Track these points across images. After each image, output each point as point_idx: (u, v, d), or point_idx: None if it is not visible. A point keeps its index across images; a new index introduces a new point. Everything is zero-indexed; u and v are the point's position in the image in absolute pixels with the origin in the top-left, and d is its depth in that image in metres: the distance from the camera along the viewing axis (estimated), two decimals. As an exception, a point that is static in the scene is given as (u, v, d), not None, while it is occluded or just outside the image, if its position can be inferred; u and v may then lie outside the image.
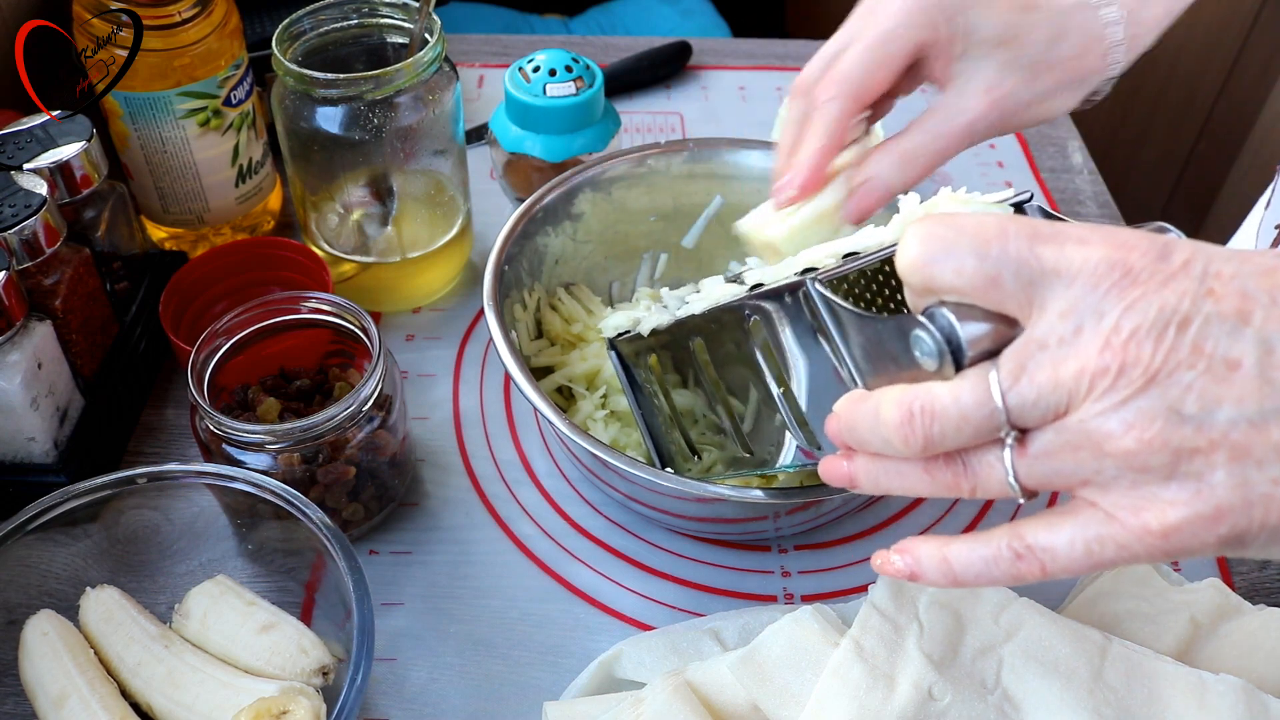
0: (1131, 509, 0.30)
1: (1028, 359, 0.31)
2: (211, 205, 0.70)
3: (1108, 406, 0.30)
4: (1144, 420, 0.29)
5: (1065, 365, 0.30)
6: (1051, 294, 0.31)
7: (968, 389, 0.32)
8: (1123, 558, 0.31)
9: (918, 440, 0.33)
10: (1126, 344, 0.29)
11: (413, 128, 0.62)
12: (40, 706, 0.46)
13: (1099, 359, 0.29)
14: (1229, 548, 0.30)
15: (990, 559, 0.33)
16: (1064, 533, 0.32)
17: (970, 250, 0.31)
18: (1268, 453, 0.29)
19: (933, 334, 0.32)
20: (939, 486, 0.34)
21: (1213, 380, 0.29)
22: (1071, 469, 0.31)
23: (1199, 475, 0.29)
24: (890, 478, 0.35)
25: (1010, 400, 0.31)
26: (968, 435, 0.32)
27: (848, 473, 0.37)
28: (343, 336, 0.56)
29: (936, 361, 0.33)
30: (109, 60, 0.59)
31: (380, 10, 0.64)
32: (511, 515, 0.59)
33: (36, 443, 0.55)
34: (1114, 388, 0.29)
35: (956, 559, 0.34)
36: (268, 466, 0.51)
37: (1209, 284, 0.30)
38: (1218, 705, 0.45)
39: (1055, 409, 0.31)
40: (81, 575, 0.50)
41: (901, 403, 0.33)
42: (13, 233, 0.53)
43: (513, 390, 0.66)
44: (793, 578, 0.57)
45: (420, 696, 0.51)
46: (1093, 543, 0.31)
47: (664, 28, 1.32)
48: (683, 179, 0.65)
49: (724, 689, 0.46)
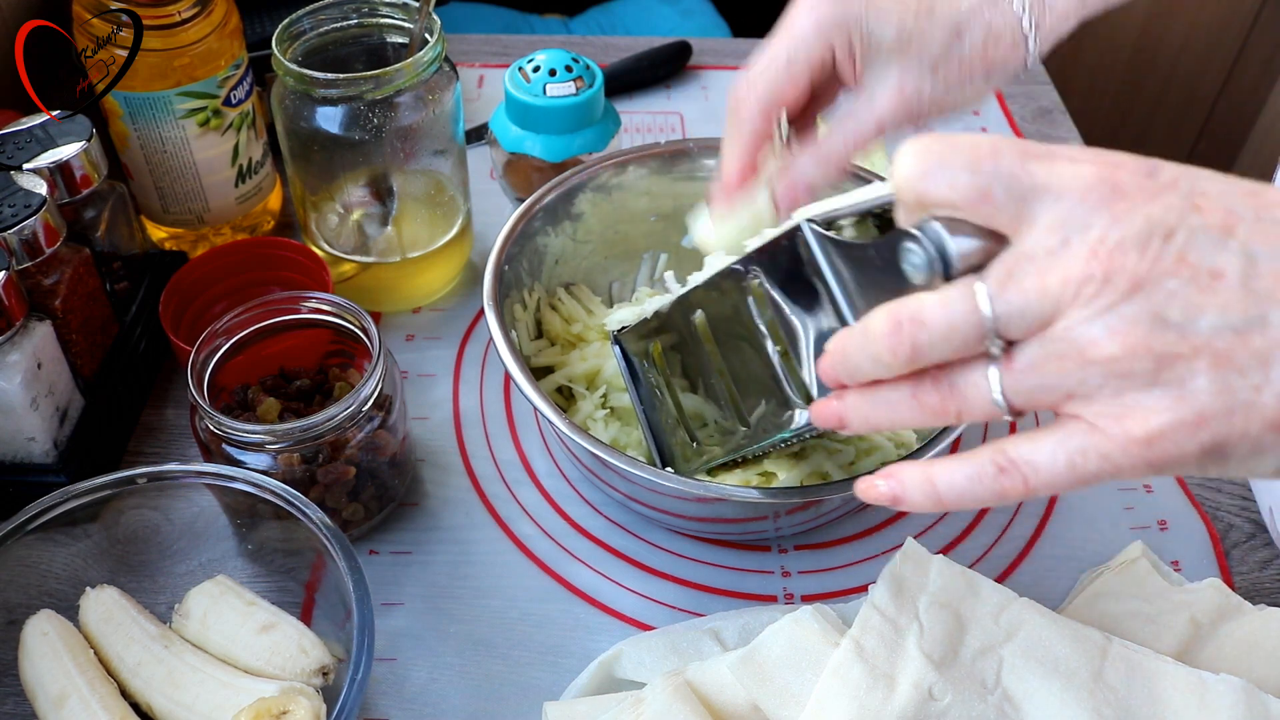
0: (1115, 417, 0.31)
1: (1015, 268, 0.31)
2: (211, 205, 0.70)
3: (1093, 313, 0.30)
4: (1128, 326, 0.30)
5: (1051, 274, 0.31)
6: (1041, 209, 0.31)
7: (956, 297, 0.32)
8: (1106, 470, 0.32)
9: (905, 349, 0.33)
10: (1112, 253, 0.30)
11: (413, 128, 0.62)
12: (40, 706, 0.46)
13: (1085, 267, 0.30)
14: (1211, 459, 0.31)
15: (974, 476, 0.34)
16: (1047, 446, 0.32)
17: (964, 165, 0.32)
18: (1249, 360, 0.29)
19: (923, 244, 0.33)
20: (926, 413, 0.34)
21: (1196, 289, 0.30)
22: (1056, 381, 0.31)
23: (1181, 381, 0.30)
24: (879, 410, 0.36)
25: (997, 307, 0.31)
26: (955, 344, 0.32)
27: (837, 411, 0.37)
28: (343, 336, 0.56)
29: (926, 273, 0.33)
30: (109, 60, 0.59)
31: (380, 10, 0.64)
32: (511, 515, 0.59)
33: (36, 443, 0.55)
34: (1099, 295, 0.30)
35: (940, 478, 0.34)
36: (268, 466, 0.51)
37: (1195, 200, 0.31)
38: (1218, 705, 0.45)
39: (1041, 318, 0.31)
40: (81, 575, 0.50)
41: (890, 313, 0.33)
42: (13, 233, 0.53)
43: (513, 390, 0.66)
44: (793, 578, 0.57)
45: (420, 696, 0.51)
46: (1075, 454, 0.32)
47: (664, 28, 1.32)
48: (683, 179, 0.65)
49: (724, 689, 0.46)
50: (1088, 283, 0.30)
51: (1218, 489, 0.62)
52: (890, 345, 0.33)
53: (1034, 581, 0.57)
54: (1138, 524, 0.60)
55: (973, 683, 0.45)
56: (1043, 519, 0.60)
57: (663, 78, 0.92)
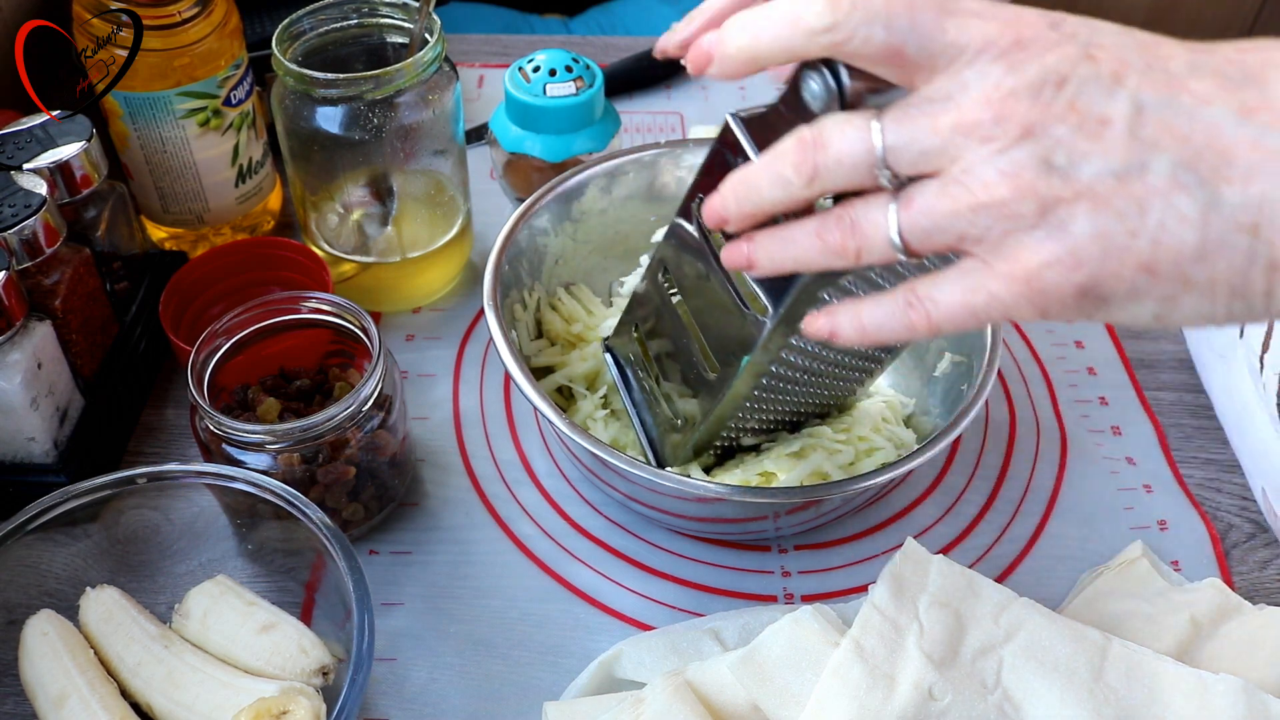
0: (1002, 256, 0.32)
1: (911, 107, 0.33)
2: (211, 205, 0.70)
3: (984, 156, 0.32)
4: (1015, 169, 0.31)
5: (945, 116, 0.32)
6: (946, 62, 0.33)
7: (854, 124, 0.34)
8: (995, 306, 0.33)
9: (807, 167, 0.35)
10: (1005, 99, 0.31)
11: (413, 128, 0.62)
12: (40, 706, 0.46)
13: (978, 112, 0.32)
14: (1089, 300, 0.32)
15: (889, 311, 0.36)
16: (946, 282, 0.34)
17: (880, 21, 0.33)
18: (1128, 205, 0.31)
19: (823, 75, 0.35)
20: (829, 251, 0.36)
21: (1083, 135, 0.31)
22: (949, 223, 0.33)
23: (1063, 224, 0.31)
24: (785, 248, 0.37)
25: (888, 138, 0.33)
26: (848, 170, 0.34)
27: (745, 251, 0.39)
28: (343, 336, 0.56)
29: (824, 99, 0.35)
30: (109, 60, 0.59)
31: (380, 10, 0.64)
32: (511, 515, 0.59)
33: (36, 443, 0.55)
34: (990, 138, 0.31)
35: (864, 313, 0.37)
36: (268, 466, 0.51)
37: (1091, 50, 0.32)
38: (1218, 705, 0.45)
39: (930, 155, 0.33)
40: (81, 575, 0.50)
41: (797, 134, 0.35)
42: (13, 233, 0.53)
43: (513, 390, 0.66)
44: (793, 578, 0.57)
45: (420, 696, 0.51)
46: (969, 291, 0.34)
47: (664, 28, 1.31)
48: (683, 179, 0.65)
49: (724, 689, 0.46)
50: (979, 126, 0.32)
51: (1218, 489, 0.62)
52: (794, 163, 0.35)
53: (1034, 581, 0.57)
54: (1138, 524, 0.60)
55: (973, 683, 0.45)
56: (1043, 519, 0.60)
57: (663, 78, 0.92)
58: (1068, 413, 0.66)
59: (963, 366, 0.57)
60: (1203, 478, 0.63)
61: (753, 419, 0.54)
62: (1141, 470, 0.63)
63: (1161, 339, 0.71)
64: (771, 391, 0.51)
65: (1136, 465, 0.63)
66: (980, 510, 0.61)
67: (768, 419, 0.55)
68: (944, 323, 0.35)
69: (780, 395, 0.52)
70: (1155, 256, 0.31)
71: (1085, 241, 0.31)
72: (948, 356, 0.59)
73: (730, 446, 0.56)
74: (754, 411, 0.53)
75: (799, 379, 0.52)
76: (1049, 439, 0.65)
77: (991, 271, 0.33)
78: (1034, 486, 0.62)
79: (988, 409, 0.66)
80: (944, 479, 0.62)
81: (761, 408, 0.53)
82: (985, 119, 0.31)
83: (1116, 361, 0.69)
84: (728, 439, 0.55)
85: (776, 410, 0.54)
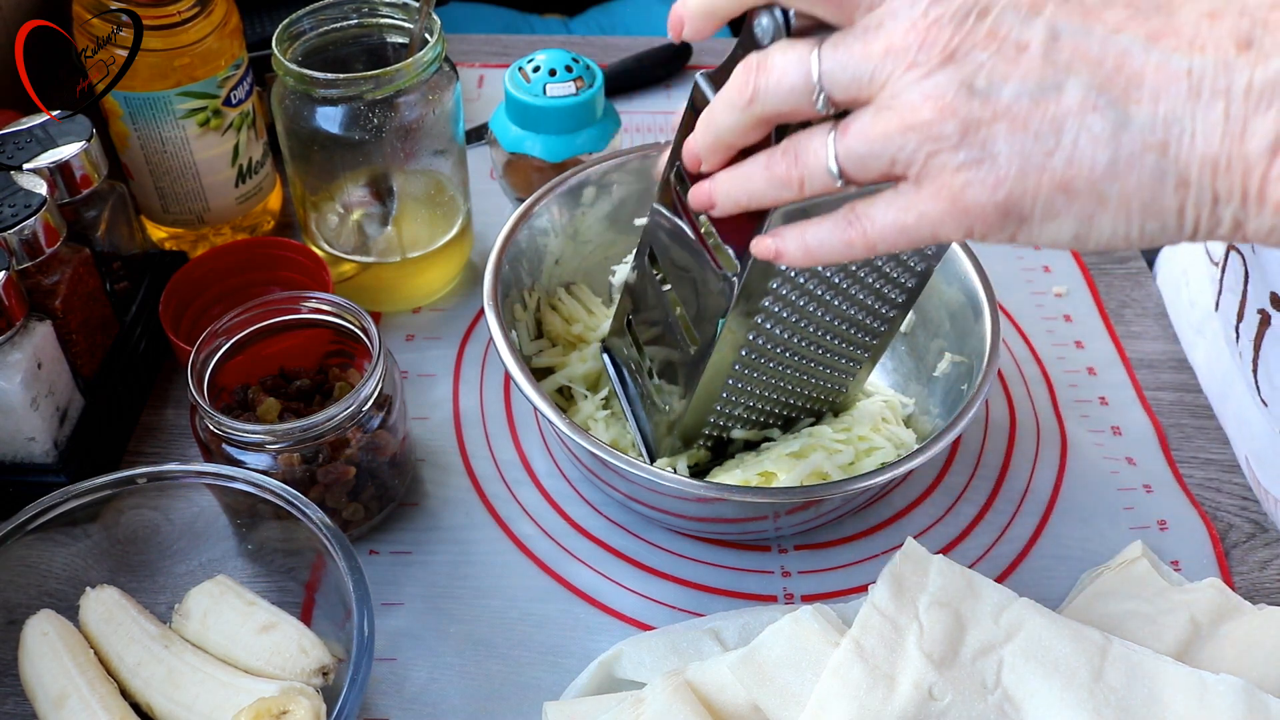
0: (929, 176, 0.35)
1: (846, 36, 0.35)
2: (211, 205, 0.70)
3: (910, 80, 0.34)
4: (939, 92, 0.33)
5: (875, 43, 0.34)
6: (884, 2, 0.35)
7: (795, 50, 0.36)
8: (924, 225, 0.35)
9: (749, 88, 0.37)
10: (930, 27, 0.33)
11: (413, 128, 0.62)
12: (40, 706, 0.46)
13: (904, 38, 0.34)
14: (1010, 219, 0.34)
15: (831, 229, 0.38)
16: (882, 202, 0.37)
17: None
18: (1044, 125, 0.33)
19: (772, 12, 0.38)
20: (775, 181, 0.38)
21: (1002, 60, 0.33)
22: (881, 146, 0.35)
23: (983, 144, 0.33)
24: (738, 182, 0.40)
25: (824, 64, 0.35)
26: (785, 90, 0.36)
27: (707, 189, 0.41)
28: (343, 336, 0.56)
29: (771, 33, 0.38)
30: (109, 60, 0.59)
31: (380, 10, 0.64)
32: (511, 515, 0.59)
33: (36, 443, 0.55)
34: (915, 64, 0.34)
35: (809, 232, 0.39)
36: (268, 466, 0.51)
37: None
38: (1218, 705, 0.45)
39: (862, 80, 0.35)
40: (81, 575, 0.50)
41: (744, 61, 0.38)
42: (13, 233, 0.53)
43: (513, 390, 0.66)
44: (793, 578, 0.57)
45: (420, 696, 0.51)
46: (900, 210, 0.36)
47: (664, 28, 1.32)
48: (683, 179, 0.65)
49: (724, 689, 0.46)
50: (906, 52, 0.34)
51: (1217, 489, 0.62)
52: (739, 86, 0.38)
53: (1034, 581, 0.57)
54: (1138, 524, 0.60)
55: (973, 683, 0.45)
56: (1043, 519, 0.60)
57: (663, 78, 0.92)
58: (1068, 413, 0.66)
59: (963, 366, 0.57)
60: (1203, 478, 0.63)
61: (740, 405, 0.54)
62: (1141, 470, 0.63)
63: (1161, 339, 0.71)
64: (755, 369, 0.51)
65: (1136, 465, 0.63)
66: (980, 510, 0.61)
67: (756, 408, 0.55)
68: (879, 240, 0.37)
69: (765, 377, 0.52)
70: (1070, 174, 0.33)
71: (1004, 161, 0.33)
72: (948, 356, 0.59)
73: (721, 438, 0.56)
74: (740, 394, 0.53)
75: (783, 358, 0.51)
76: (1049, 439, 0.65)
77: (921, 192, 0.35)
78: (1034, 486, 0.62)
79: (988, 409, 0.66)
80: (944, 479, 0.62)
81: (748, 390, 0.53)
82: (911, 44, 0.34)
83: (1116, 361, 0.69)
84: (716, 426, 0.55)
85: (764, 399, 0.54)
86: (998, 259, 0.75)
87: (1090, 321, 0.72)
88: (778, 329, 0.49)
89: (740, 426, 0.56)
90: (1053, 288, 0.74)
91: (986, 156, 0.33)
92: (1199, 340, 0.68)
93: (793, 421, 0.58)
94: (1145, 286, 0.75)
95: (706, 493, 0.50)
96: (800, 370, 0.53)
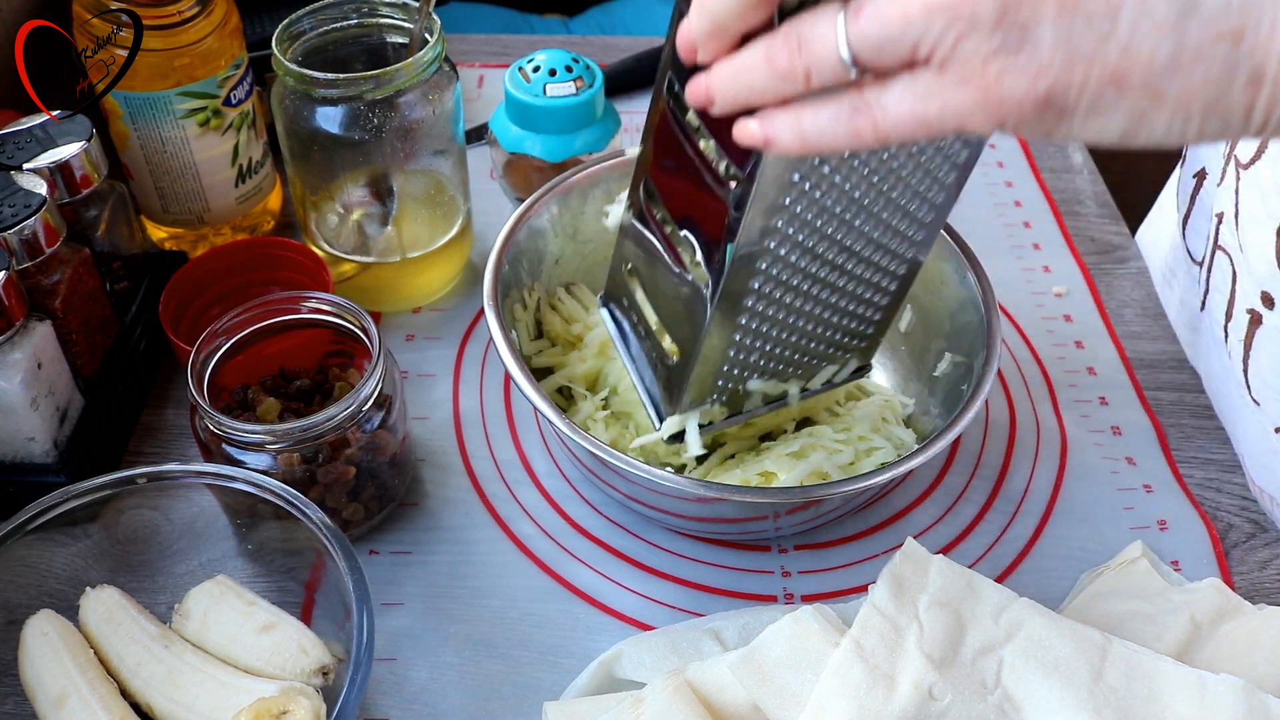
0: (958, 62, 0.30)
1: None
2: (211, 205, 0.70)
3: None
4: None
5: None
6: None
7: None
8: (947, 116, 0.31)
9: None
10: None
11: (413, 128, 0.62)
12: (40, 706, 0.46)
13: None
14: (1050, 111, 0.30)
15: (833, 116, 0.33)
16: (896, 89, 0.32)
17: None
18: (1098, 7, 0.28)
19: None
20: (778, 73, 0.33)
21: None
22: (901, 30, 0.30)
23: (1025, 28, 0.29)
24: (738, 76, 0.35)
25: None
26: None
27: (704, 84, 0.36)
28: (343, 336, 0.56)
29: None
30: (109, 60, 0.59)
31: (380, 10, 0.64)
32: (511, 515, 0.59)
33: (36, 443, 0.55)
34: None
35: (805, 118, 0.34)
36: (268, 466, 0.51)
37: None
38: (1218, 705, 0.45)
39: None
40: (81, 575, 0.50)
41: None
42: (13, 233, 0.53)
43: (513, 390, 0.66)
44: (793, 578, 0.57)
45: (420, 696, 0.51)
46: (920, 98, 0.31)
47: (664, 28, 1.32)
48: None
49: (724, 689, 0.46)
50: None
51: (1217, 489, 0.62)
52: None
53: (1034, 581, 0.57)
54: (1138, 524, 0.60)
55: (973, 683, 0.45)
56: (1043, 519, 0.60)
57: (663, 78, 0.92)
58: (1068, 413, 0.66)
59: (962, 366, 0.57)
60: (1203, 478, 0.63)
61: (756, 352, 0.50)
62: (1141, 470, 0.63)
63: (1161, 339, 0.71)
64: (772, 305, 0.48)
65: (1136, 465, 0.63)
66: (980, 510, 0.61)
67: (774, 353, 0.51)
68: (892, 132, 0.32)
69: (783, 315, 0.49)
70: (1125, 66, 0.28)
71: (1049, 48, 0.29)
72: (948, 356, 0.59)
73: (737, 392, 0.52)
74: (757, 338, 0.49)
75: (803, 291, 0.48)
76: (1049, 439, 0.65)
77: (945, 79, 0.30)
78: (1034, 486, 0.62)
79: (988, 409, 0.66)
80: (944, 479, 0.62)
81: (764, 332, 0.49)
82: None
83: (1116, 361, 0.69)
84: (731, 376, 0.51)
85: (783, 342, 0.51)
86: (998, 259, 0.75)
87: (1090, 321, 0.72)
88: (794, 254, 0.45)
89: (758, 377, 0.52)
90: (1053, 288, 0.74)
91: (1028, 41, 0.29)
92: (1193, 337, 0.68)
93: (814, 372, 0.54)
94: (1145, 286, 0.75)
95: (706, 493, 0.50)
96: (822, 306, 0.50)
